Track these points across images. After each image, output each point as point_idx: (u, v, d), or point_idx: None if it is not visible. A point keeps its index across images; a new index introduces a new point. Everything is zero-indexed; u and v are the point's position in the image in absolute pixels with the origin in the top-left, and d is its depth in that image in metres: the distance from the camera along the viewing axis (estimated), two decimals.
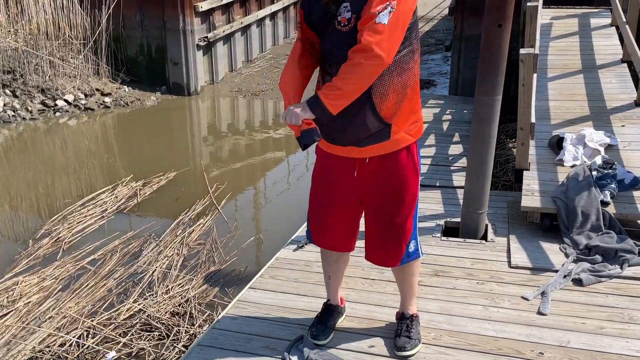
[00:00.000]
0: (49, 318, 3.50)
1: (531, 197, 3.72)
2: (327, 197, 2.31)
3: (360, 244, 2.43)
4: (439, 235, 3.60)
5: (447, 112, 6.58)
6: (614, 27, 6.53)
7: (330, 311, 2.60)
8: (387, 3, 1.88)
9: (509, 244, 3.44)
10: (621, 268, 3.09)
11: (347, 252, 2.49)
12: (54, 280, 3.94)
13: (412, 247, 2.33)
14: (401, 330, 2.48)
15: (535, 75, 4.03)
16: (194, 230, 4.71)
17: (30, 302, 3.69)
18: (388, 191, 2.22)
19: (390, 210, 2.24)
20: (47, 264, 4.18)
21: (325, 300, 2.64)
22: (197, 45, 9.22)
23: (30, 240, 4.58)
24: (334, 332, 2.57)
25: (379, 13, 1.87)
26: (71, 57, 9.00)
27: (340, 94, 1.93)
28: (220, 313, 3.07)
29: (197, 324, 3.41)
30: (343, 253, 2.48)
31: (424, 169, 4.83)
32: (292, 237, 3.62)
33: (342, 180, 2.26)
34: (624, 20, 5.78)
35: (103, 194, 5.42)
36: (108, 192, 5.46)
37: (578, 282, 3.01)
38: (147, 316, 3.44)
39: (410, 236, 2.31)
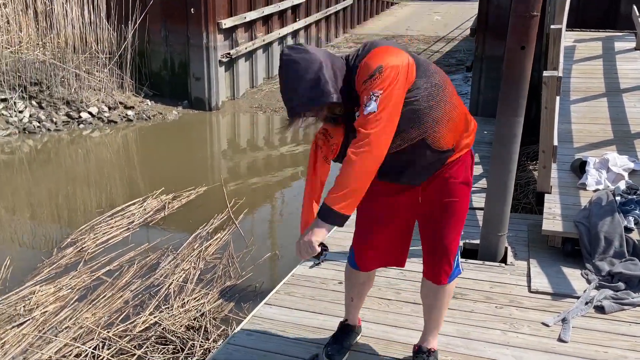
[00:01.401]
0: (66, 328, 3.52)
1: (553, 220, 3.67)
2: (376, 219, 2.22)
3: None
4: None
5: None
6: (638, 51, 6.47)
7: (348, 331, 2.57)
8: (371, 93, 1.80)
9: (529, 268, 3.39)
10: None
11: (374, 274, 2.46)
12: (70, 290, 3.97)
13: (455, 263, 2.26)
14: None
15: (558, 97, 4.00)
16: (210, 244, 4.72)
17: (46, 311, 3.71)
18: (443, 207, 2.14)
19: (444, 225, 2.16)
20: (67, 274, 4.22)
21: (342, 320, 2.61)
22: (220, 61, 9.35)
23: (55, 249, 4.64)
24: (352, 352, 2.54)
25: (365, 106, 1.81)
26: (97, 71, 9.20)
27: (347, 192, 1.81)
28: (235, 328, 3.06)
29: (211, 339, 3.39)
30: (370, 275, 2.43)
31: None
32: None
33: (399, 202, 2.18)
34: None
35: (133, 206, 5.49)
36: (137, 204, 5.53)
37: (600, 309, 2.94)
38: (163, 329, 3.45)
39: (457, 249, 2.25)
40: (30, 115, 8.26)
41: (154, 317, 3.57)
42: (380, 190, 2.13)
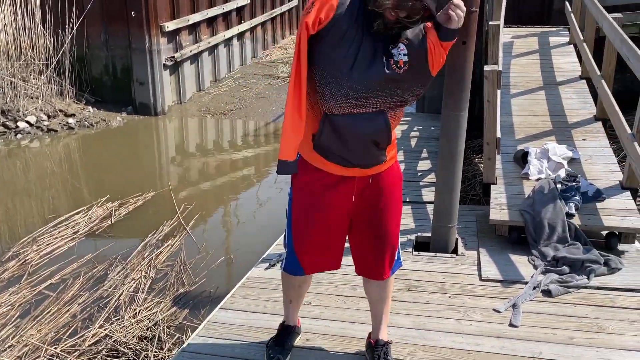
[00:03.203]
0: (9, 347, 3.34)
1: (499, 210, 3.78)
2: (322, 223, 2.23)
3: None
4: (410, 250, 3.61)
5: (415, 128, 6.67)
6: (572, 45, 6.77)
7: (288, 332, 2.57)
8: None
9: (479, 257, 3.48)
10: (588, 278, 3.15)
11: (310, 277, 2.48)
12: (10, 307, 3.77)
13: (396, 256, 2.37)
14: (378, 359, 2.42)
15: (499, 91, 4.12)
16: (161, 251, 4.60)
17: None
18: (385, 204, 2.25)
19: (386, 222, 2.26)
20: (7, 290, 4.00)
21: (281, 321, 2.60)
22: (164, 65, 9.14)
23: None
24: (311, 351, 2.53)
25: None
26: (33, 78, 8.80)
27: None
28: (190, 335, 2.99)
29: (166, 348, 3.31)
30: (307, 278, 2.44)
31: None
32: (263, 256, 3.58)
33: (337, 203, 2.19)
34: (582, 38, 5.99)
35: (77, 215, 5.27)
36: (82, 213, 5.31)
37: (547, 293, 3.05)
38: (114, 341, 3.33)
39: (398, 243, 2.36)
40: None
41: (104, 330, 3.45)
42: (317, 189, 2.17)
